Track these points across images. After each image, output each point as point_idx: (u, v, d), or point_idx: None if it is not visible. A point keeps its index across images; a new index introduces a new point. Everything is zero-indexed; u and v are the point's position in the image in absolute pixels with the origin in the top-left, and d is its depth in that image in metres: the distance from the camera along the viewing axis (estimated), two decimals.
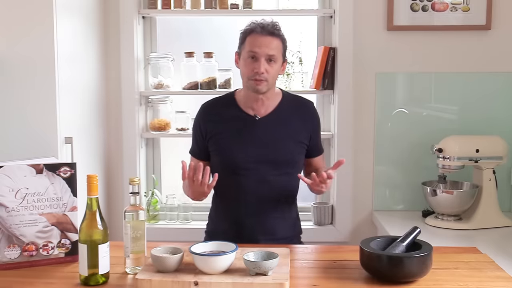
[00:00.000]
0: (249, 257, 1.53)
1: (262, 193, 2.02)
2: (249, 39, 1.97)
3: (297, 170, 2.08)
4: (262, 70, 1.93)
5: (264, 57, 1.94)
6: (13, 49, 2.13)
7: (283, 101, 2.08)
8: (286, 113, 2.06)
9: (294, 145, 2.05)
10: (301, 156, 2.09)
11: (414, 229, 1.65)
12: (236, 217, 2.04)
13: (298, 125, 2.06)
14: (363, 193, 2.81)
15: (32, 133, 2.15)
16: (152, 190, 2.90)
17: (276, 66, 1.97)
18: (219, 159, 2.07)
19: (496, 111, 2.74)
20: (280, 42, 1.98)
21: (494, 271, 1.64)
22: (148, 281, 1.48)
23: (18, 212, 1.68)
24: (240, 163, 2.01)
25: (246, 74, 1.97)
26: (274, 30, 1.96)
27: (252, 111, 2.04)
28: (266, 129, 2.02)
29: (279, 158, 2.02)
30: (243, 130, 2.02)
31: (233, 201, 2.06)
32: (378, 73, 2.75)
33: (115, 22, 2.74)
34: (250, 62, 1.96)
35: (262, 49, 1.93)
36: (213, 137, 2.05)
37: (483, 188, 2.48)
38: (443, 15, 2.70)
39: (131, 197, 1.65)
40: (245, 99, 2.05)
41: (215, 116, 2.07)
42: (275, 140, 2.02)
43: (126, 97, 2.76)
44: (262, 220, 2.02)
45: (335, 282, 1.56)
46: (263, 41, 1.94)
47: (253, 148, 2.01)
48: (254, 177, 2.01)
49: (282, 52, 2.00)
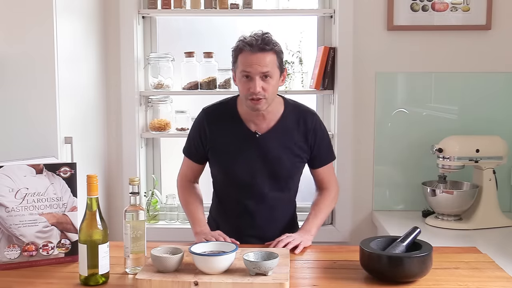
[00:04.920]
0: (249, 257, 1.53)
1: (260, 206, 2.02)
2: (240, 59, 1.88)
3: (295, 181, 2.09)
4: (258, 89, 1.84)
5: (258, 75, 1.85)
6: (13, 49, 2.13)
7: (284, 114, 2.02)
8: (287, 127, 2.01)
9: (294, 159, 2.02)
10: (300, 169, 2.08)
11: (414, 229, 1.65)
12: (232, 222, 2.05)
13: (299, 139, 2.02)
14: (363, 193, 2.81)
15: (32, 133, 2.15)
16: (152, 190, 2.90)
17: (273, 82, 1.88)
18: (218, 170, 2.07)
19: (496, 111, 2.74)
20: (273, 55, 1.87)
21: (494, 271, 1.64)
22: (148, 281, 1.48)
23: (18, 212, 1.69)
24: (239, 177, 2.01)
25: (243, 93, 1.91)
26: (264, 46, 1.84)
27: (254, 126, 2.00)
28: (266, 146, 1.99)
29: (278, 174, 2.01)
30: (243, 147, 1.99)
31: (231, 210, 2.07)
32: (378, 73, 2.75)
33: (115, 22, 2.74)
34: (245, 82, 1.87)
35: (254, 68, 1.84)
36: (214, 148, 2.03)
37: (483, 188, 2.48)
38: (443, 15, 2.70)
39: (131, 197, 1.65)
40: (247, 113, 1.99)
41: (218, 126, 2.02)
42: (274, 157, 1.99)
43: (126, 97, 2.75)
44: (260, 232, 2.02)
45: (335, 282, 1.56)
46: (254, 59, 1.84)
47: (252, 164, 1.99)
48: (252, 191, 2.01)
49: (278, 64, 1.89)
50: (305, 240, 1.89)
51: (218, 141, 2.02)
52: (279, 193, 2.04)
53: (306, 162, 2.07)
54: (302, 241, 1.87)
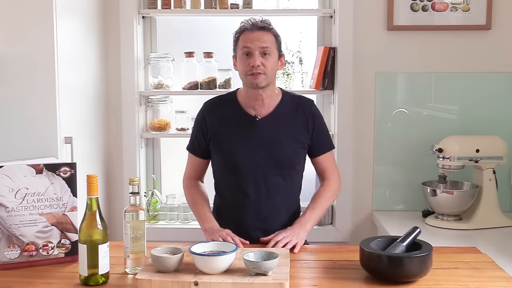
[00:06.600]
0: (249, 257, 1.53)
1: (262, 194, 2.02)
2: (241, 38, 1.99)
3: (298, 171, 2.08)
4: (258, 63, 1.94)
5: (258, 51, 1.95)
6: (13, 49, 2.13)
7: (283, 100, 2.08)
8: (286, 113, 2.06)
9: (294, 145, 2.04)
10: (301, 156, 2.09)
11: (414, 229, 1.65)
12: (236, 216, 2.04)
13: (298, 124, 2.06)
14: (363, 193, 2.81)
15: (32, 133, 2.15)
16: (152, 190, 2.90)
17: (271, 59, 1.97)
18: (219, 159, 2.07)
19: (496, 111, 2.74)
20: (272, 36, 1.99)
21: (494, 271, 1.64)
22: (148, 281, 1.48)
23: (18, 212, 1.69)
24: (240, 164, 2.01)
25: (243, 70, 1.98)
26: (264, 25, 1.98)
27: (253, 111, 2.04)
28: (267, 130, 2.02)
29: (279, 159, 2.02)
30: (244, 131, 2.02)
31: (233, 201, 2.06)
32: (378, 73, 2.75)
33: (115, 22, 2.74)
34: (245, 58, 1.97)
35: (254, 43, 1.95)
36: (214, 137, 2.05)
37: (483, 188, 2.48)
38: (443, 15, 2.70)
39: (131, 197, 1.65)
40: (247, 99, 2.05)
41: (218, 115, 2.07)
42: (275, 141, 2.02)
43: (126, 97, 2.76)
44: (262, 221, 2.02)
45: (335, 282, 1.56)
46: (255, 35, 1.96)
47: (254, 149, 2.01)
48: (254, 177, 2.01)
49: (276, 46, 2.00)
50: (300, 238, 1.90)
51: (219, 129, 2.05)
52: (280, 179, 2.03)
53: (306, 148, 2.08)
54: (298, 241, 1.88)
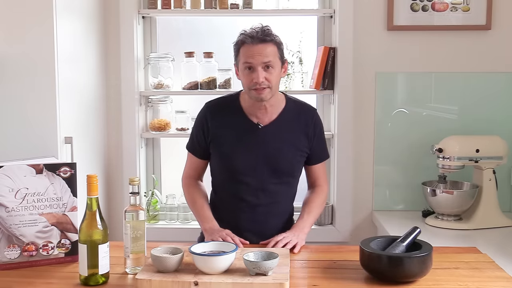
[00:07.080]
0: (249, 257, 1.53)
1: (259, 200, 2.02)
2: (242, 51, 1.93)
3: (296, 178, 2.09)
4: (261, 79, 1.90)
5: (261, 66, 1.90)
6: (13, 49, 2.13)
7: (286, 108, 2.05)
8: (288, 121, 2.04)
9: (295, 153, 2.04)
10: (300, 164, 2.09)
11: (414, 229, 1.65)
12: (232, 221, 2.03)
13: (299, 132, 2.04)
14: (363, 193, 2.81)
15: (32, 133, 2.15)
16: (152, 190, 2.90)
17: (275, 72, 1.93)
18: (218, 161, 2.06)
19: (496, 111, 2.74)
20: (274, 46, 1.93)
21: (494, 271, 1.64)
22: (148, 281, 1.48)
23: (18, 212, 1.69)
24: (239, 169, 2.01)
25: (247, 84, 1.95)
26: (265, 37, 1.91)
27: (256, 119, 2.02)
28: (268, 138, 2.01)
29: (279, 167, 2.02)
30: (245, 138, 2.01)
31: (230, 205, 2.06)
32: (378, 73, 2.75)
33: (115, 22, 2.74)
34: (248, 73, 1.92)
35: (256, 59, 1.90)
36: (215, 140, 2.04)
37: (483, 188, 2.48)
38: (443, 15, 2.70)
39: (131, 197, 1.65)
40: (250, 107, 2.02)
41: (220, 118, 2.04)
42: (276, 149, 2.01)
43: (126, 97, 2.75)
44: (258, 227, 2.02)
45: (335, 282, 1.56)
46: (256, 50, 1.90)
47: (254, 156, 2.00)
48: (252, 184, 2.01)
49: (279, 55, 1.95)
50: (301, 240, 1.90)
51: (220, 132, 2.03)
52: (279, 186, 2.03)
53: (305, 157, 2.08)
54: (298, 241, 1.88)
